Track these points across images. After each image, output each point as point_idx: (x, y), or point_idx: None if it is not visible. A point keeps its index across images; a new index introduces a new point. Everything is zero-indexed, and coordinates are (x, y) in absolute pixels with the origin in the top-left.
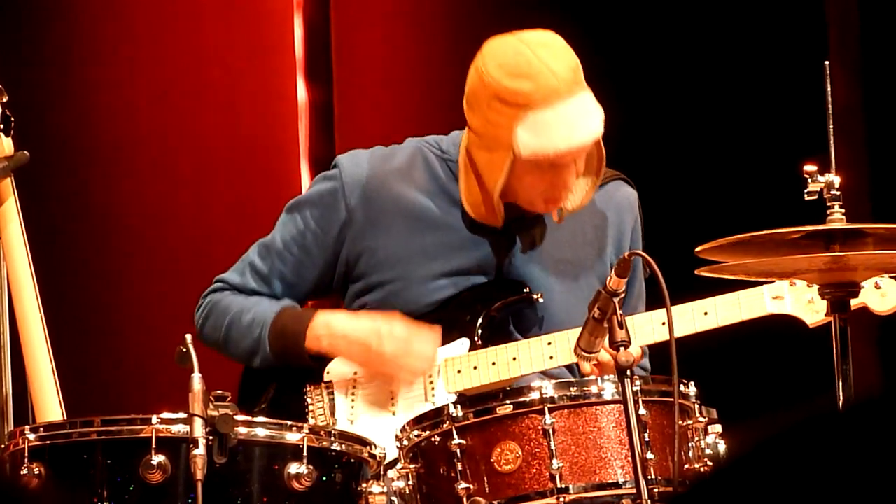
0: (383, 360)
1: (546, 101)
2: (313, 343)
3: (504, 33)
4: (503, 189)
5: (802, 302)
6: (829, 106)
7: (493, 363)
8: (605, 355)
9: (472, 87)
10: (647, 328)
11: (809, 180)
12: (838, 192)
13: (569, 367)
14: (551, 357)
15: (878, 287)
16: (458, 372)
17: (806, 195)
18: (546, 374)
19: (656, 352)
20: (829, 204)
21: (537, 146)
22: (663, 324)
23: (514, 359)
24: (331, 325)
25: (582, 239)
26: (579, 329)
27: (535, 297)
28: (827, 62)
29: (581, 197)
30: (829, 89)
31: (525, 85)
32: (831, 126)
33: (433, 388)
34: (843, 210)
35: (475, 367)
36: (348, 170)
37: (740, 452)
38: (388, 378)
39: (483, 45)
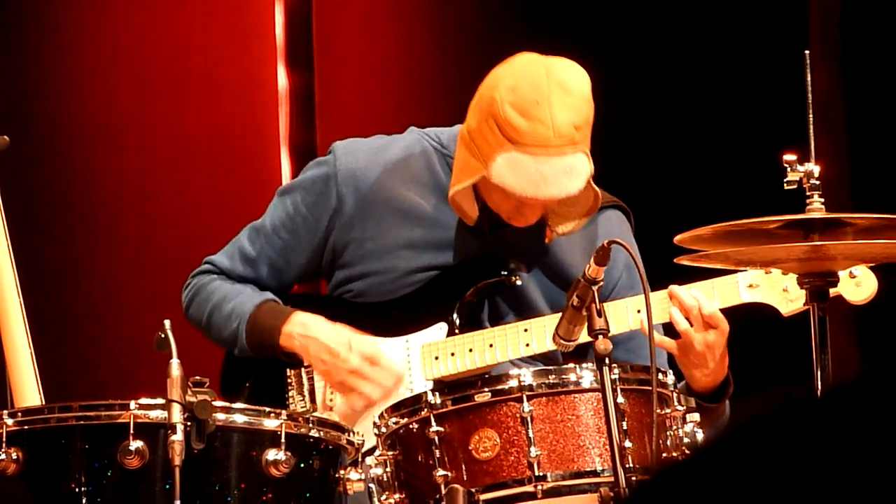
0: (346, 371)
1: (532, 147)
2: (286, 341)
3: (533, 52)
4: (479, 189)
5: (777, 290)
6: (809, 95)
7: (470, 350)
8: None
9: (482, 91)
10: (622, 316)
11: (789, 169)
12: (818, 182)
13: (543, 355)
14: (527, 345)
15: (852, 276)
16: (436, 358)
17: (785, 184)
18: (523, 361)
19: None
20: (808, 193)
21: (508, 182)
22: (639, 311)
23: (491, 346)
24: (307, 326)
25: (571, 260)
26: (555, 316)
27: (513, 279)
28: (807, 51)
29: (573, 226)
30: (809, 78)
31: (522, 123)
32: (811, 115)
33: (411, 375)
34: (822, 199)
35: (452, 354)
36: (343, 159)
37: (713, 438)
38: (343, 391)
39: (516, 55)
